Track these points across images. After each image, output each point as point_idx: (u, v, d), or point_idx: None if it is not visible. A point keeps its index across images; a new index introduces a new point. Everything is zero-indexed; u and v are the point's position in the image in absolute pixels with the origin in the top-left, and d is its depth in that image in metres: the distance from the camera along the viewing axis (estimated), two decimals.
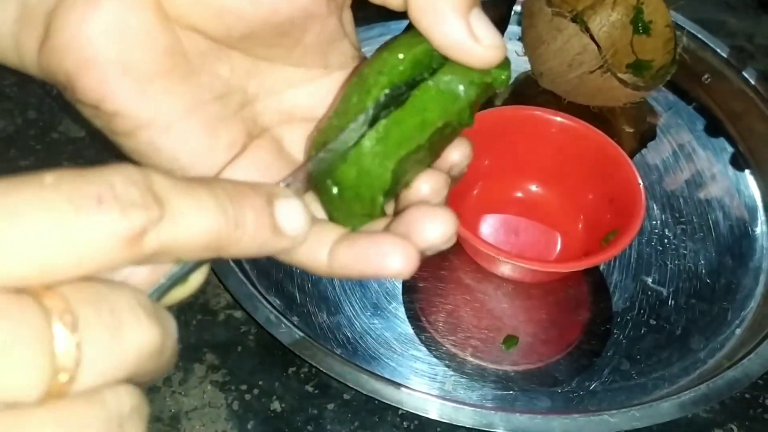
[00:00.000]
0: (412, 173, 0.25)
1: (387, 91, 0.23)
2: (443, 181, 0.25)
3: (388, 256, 0.22)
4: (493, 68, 0.24)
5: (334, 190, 0.24)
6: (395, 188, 0.25)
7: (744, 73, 0.58)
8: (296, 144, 0.27)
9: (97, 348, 0.15)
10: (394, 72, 0.24)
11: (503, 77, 0.24)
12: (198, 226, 0.17)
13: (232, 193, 0.18)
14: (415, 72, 0.24)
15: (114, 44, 0.22)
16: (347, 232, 0.25)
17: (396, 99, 0.24)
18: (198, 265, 0.20)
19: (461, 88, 0.24)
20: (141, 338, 0.16)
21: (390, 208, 0.27)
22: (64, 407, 0.15)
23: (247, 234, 0.19)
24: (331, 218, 0.25)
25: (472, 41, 0.22)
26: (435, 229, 0.23)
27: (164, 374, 0.18)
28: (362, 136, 0.23)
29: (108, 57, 0.22)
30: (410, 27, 0.24)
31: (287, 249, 0.20)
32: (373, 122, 0.24)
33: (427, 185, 0.25)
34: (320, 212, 0.26)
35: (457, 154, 0.26)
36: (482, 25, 0.22)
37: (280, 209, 0.20)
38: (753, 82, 0.57)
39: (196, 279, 0.21)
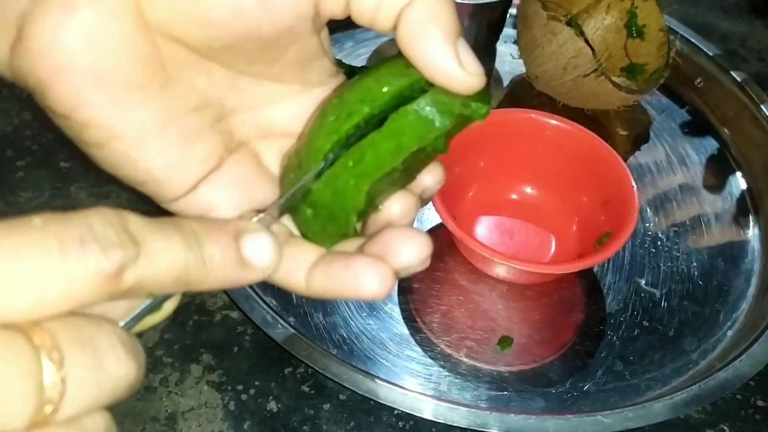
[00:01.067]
0: (385, 195, 0.26)
1: (364, 120, 0.24)
2: (413, 203, 0.26)
3: (363, 279, 0.23)
4: (473, 101, 0.24)
5: (308, 211, 0.25)
6: (369, 209, 0.25)
7: (736, 77, 0.58)
8: (273, 158, 0.28)
9: (81, 382, 0.17)
10: (375, 103, 0.24)
11: (483, 111, 0.25)
12: (168, 263, 0.18)
13: (199, 232, 0.20)
14: (395, 102, 0.24)
15: (90, 52, 0.22)
16: (323, 254, 0.25)
17: (373, 123, 0.24)
18: (171, 294, 0.21)
19: (439, 116, 0.24)
20: (120, 373, 0.18)
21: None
22: None
23: (215, 269, 0.20)
24: (306, 238, 0.26)
25: (460, 68, 0.23)
26: (410, 251, 0.23)
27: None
28: (336, 158, 0.24)
29: (83, 66, 0.22)
30: (399, 54, 0.24)
31: (258, 279, 0.21)
32: (348, 146, 0.24)
33: (397, 206, 0.25)
34: (297, 230, 0.26)
35: (430, 178, 0.26)
36: (467, 54, 0.23)
37: (247, 244, 0.21)
38: (745, 86, 0.58)
39: (169, 306, 0.21)
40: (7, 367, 0.15)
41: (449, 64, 0.23)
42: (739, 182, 0.56)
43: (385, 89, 0.24)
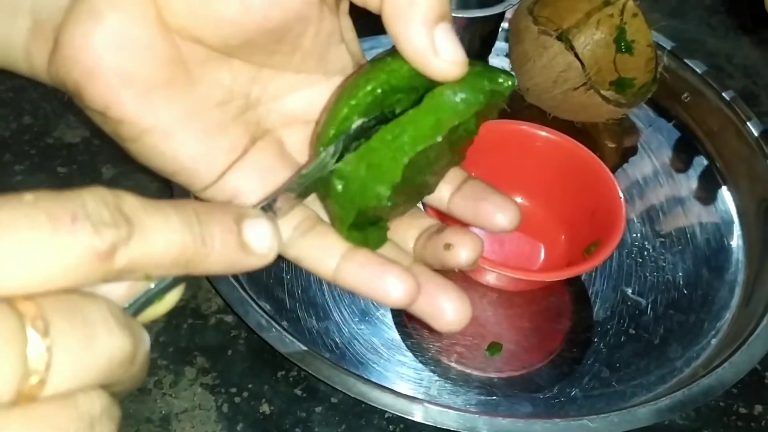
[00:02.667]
0: (427, 176, 0.26)
1: (381, 88, 0.25)
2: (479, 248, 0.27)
3: (390, 287, 0.24)
4: (499, 76, 0.25)
5: (339, 186, 0.25)
6: (406, 187, 0.25)
7: (722, 92, 0.60)
8: (297, 144, 0.29)
9: (68, 353, 0.16)
10: (393, 74, 0.25)
11: (507, 84, 0.25)
12: (165, 243, 0.18)
13: (200, 213, 0.20)
14: (412, 75, 0.25)
15: (118, 56, 0.24)
16: (354, 249, 0.26)
17: (391, 98, 0.25)
18: (174, 283, 0.21)
19: (472, 93, 0.24)
20: (112, 346, 0.17)
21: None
22: (35, 408, 0.16)
23: (215, 251, 0.20)
24: (332, 219, 0.26)
25: (432, 53, 0.23)
26: (452, 317, 0.25)
27: (138, 383, 0.19)
28: (374, 131, 0.24)
29: (112, 68, 0.24)
30: None
31: (258, 266, 0.21)
32: (366, 115, 0.25)
33: (465, 253, 0.26)
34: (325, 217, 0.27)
35: (466, 252, 0.27)
36: (446, 39, 0.23)
37: (248, 229, 0.21)
38: (731, 101, 0.59)
39: (173, 297, 0.21)
40: None
41: (422, 48, 0.23)
42: (724, 194, 0.57)
43: (403, 63, 0.24)
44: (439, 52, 0.23)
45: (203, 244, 0.19)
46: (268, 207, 0.24)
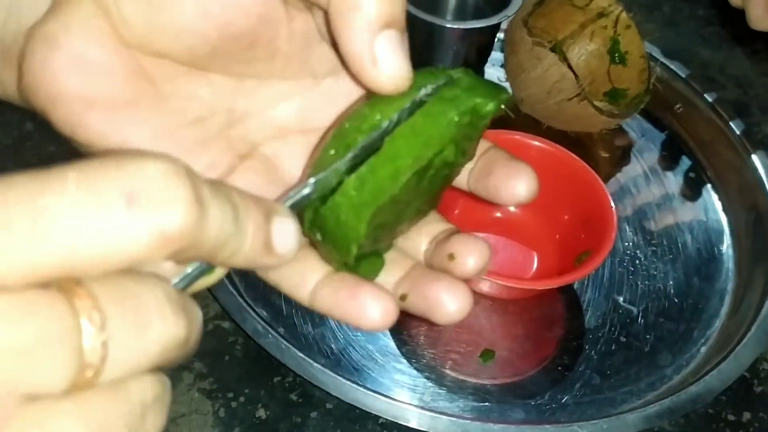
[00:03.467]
0: (402, 221, 0.25)
1: (363, 150, 0.23)
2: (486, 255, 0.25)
3: (367, 310, 0.23)
4: (479, 97, 0.23)
5: (318, 236, 0.24)
6: (377, 238, 0.24)
7: (714, 103, 0.61)
8: (292, 158, 0.27)
9: (123, 345, 0.16)
10: (372, 133, 0.23)
11: (489, 108, 0.23)
12: (216, 230, 0.17)
13: (239, 203, 0.18)
14: (395, 127, 0.23)
15: (76, 80, 0.23)
16: (332, 273, 0.25)
17: (374, 146, 0.23)
18: None
19: (436, 129, 0.23)
20: (166, 333, 0.17)
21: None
22: (87, 398, 0.16)
23: (245, 245, 0.19)
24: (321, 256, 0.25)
25: (370, 63, 0.22)
26: (453, 308, 0.24)
27: (189, 355, 0.19)
28: (341, 182, 0.23)
29: (73, 92, 0.23)
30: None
31: (273, 266, 0.20)
32: (353, 169, 0.23)
33: (472, 260, 0.25)
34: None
35: (473, 260, 0.25)
36: (389, 50, 0.22)
37: (276, 227, 0.20)
38: (723, 112, 0.60)
39: (221, 270, 0.21)
40: (44, 331, 0.15)
41: (359, 56, 0.22)
42: (715, 204, 0.58)
43: (378, 117, 0.23)
44: (377, 62, 0.22)
45: (239, 237, 0.18)
46: (296, 204, 0.22)
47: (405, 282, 0.26)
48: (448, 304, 0.24)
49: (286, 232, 0.20)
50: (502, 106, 0.25)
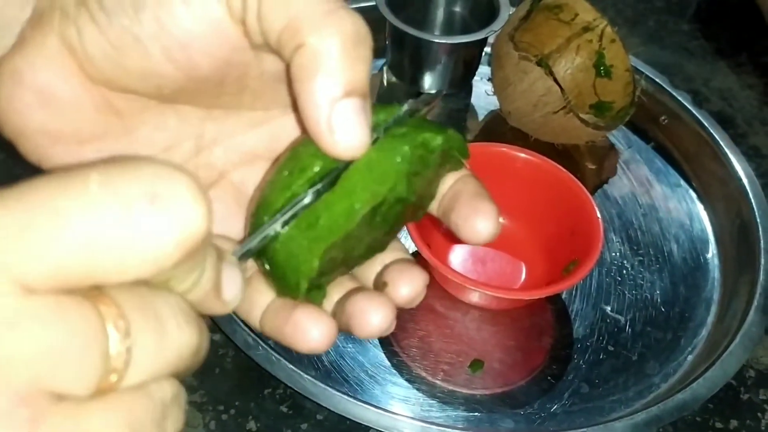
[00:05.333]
0: (353, 256, 0.25)
1: (318, 175, 0.23)
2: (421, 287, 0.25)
3: (306, 332, 0.23)
4: (429, 132, 0.23)
5: (266, 267, 0.24)
6: (326, 273, 0.24)
7: (699, 115, 0.62)
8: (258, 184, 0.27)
9: (145, 351, 0.16)
10: (327, 158, 0.23)
11: (436, 141, 0.23)
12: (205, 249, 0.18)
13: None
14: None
15: (42, 115, 0.23)
16: (275, 299, 0.25)
17: (331, 180, 0.23)
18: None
19: (390, 164, 0.23)
20: (182, 341, 0.17)
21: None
22: (113, 400, 0.16)
23: (203, 279, 0.19)
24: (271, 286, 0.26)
25: (327, 131, 0.21)
26: (375, 319, 0.24)
27: (198, 366, 0.19)
28: (294, 216, 0.23)
29: (36, 127, 0.23)
30: None
31: (216, 312, 0.20)
32: (305, 205, 0.23)
33: (405, 289, 0.25)
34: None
35: (405, 289, 0.25)
36: (347, 119, 0.21)
37: (225, 272, 0.20)
38: (706, 124, 0.61)
39: None
40: (73, 334, 0.15)
41: (316, 122, 0.21)
42: (700, 215, 0.59)
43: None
44: (333, 132, 0.21)
45: (202, 269, 0.19)
46: (244, 255, 0.23)
47: (337, 303, 0.26)
48: (371, 316, 0.24)
49: (234, 279, 0.20)
50: (458, 153, 0.25)
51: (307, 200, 0.23)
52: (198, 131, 0.26)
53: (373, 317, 0.24)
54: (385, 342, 0.49)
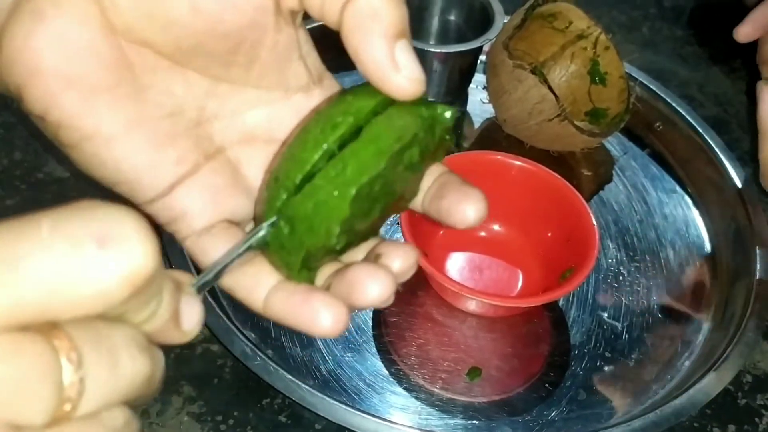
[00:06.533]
0: (376, 212, 0.26)
1: (349, 131, 0.24)
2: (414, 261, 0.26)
3: (319, 316, 0.24)
4: (439, 107, 0.25)
5: (286, 229, 0.24)
6: (354, 223, 0.25)
7: (693, 121, 0.62)
8: (254, 165, 0.28)
9: (98, 381, 0.17)
10: (359, 115, 0.24)
11: (448, 115, 0.25)
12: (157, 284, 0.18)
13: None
14: (375, 116, 0.24)
15: (58, 57, 0.23)
16: (284, 281, 0.25)
17: (353, 136, 0.24)
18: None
19: (410, 118, 0.24)
20: (134, 370, 0.18)
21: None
22: (67, 429, 0.17)
23: (161, 309, 0.19)
24: (276, 265, 0.26)
25: (392, 68, 0.23)
26: (376, 290, 0.24)
27: (152, 398, 0.20)
28: (318, 169, 0.24)
29: (52, 69, 0.23)
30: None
31: (174, 341, 0.21)
32: (329, 158, 0.24)
33: (398, 261, 0.25)
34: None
35: (398, 261, 0.25)
36: (406, 56, 0.23)
37: (183, 301, 0.21)
38: (700, 130, 0.61)
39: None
40: (28, 367, 0.16)
41: (382, 62, 0.23)
42: (696, 220, 0.59)
43: (366, 102, 0.24)
44: (399, 68, 0.23)
45: (159, 300, 0.19)
46: (202, 287, 0.23)
47: (330, 276, 0.26)
48: (370, 286, 0.24)
49: (193, 309, 0.21)
50: (450, 125, 0.26)
51: (261, 233, 0.24)
52: (201, 103, 0.26)
53: (374, 286, 0.24)
54: (383, 351, 0.49)
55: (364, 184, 0.23)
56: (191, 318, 0.21)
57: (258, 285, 0.25)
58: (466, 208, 0.26)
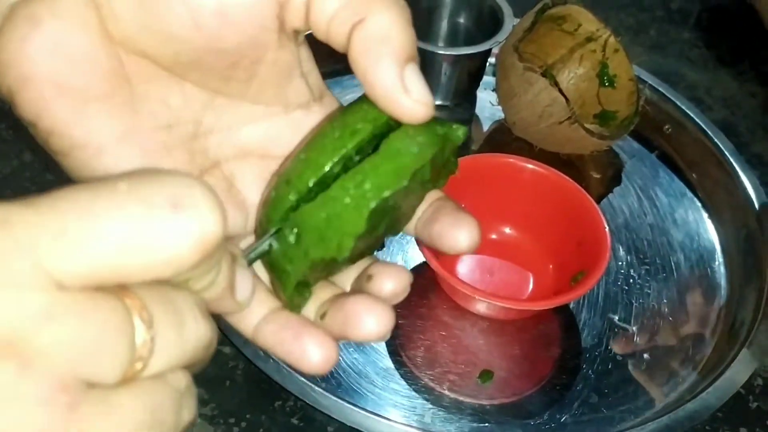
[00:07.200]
0: (381, 229, 0.25)
1: (367, 139, 0.24)
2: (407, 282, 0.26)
3: (308, 353, 0.24)
4: (452, 124, 0.25)
5: (291, 237, 0.24)
6: (367, 237, 0.24)
7: (702, 123, 0.62)
8: (249, 181, 0.28)
9: (166, 341, 0.18)
10: (377, 123, 0.24)
11: (459, 132, 0.25)
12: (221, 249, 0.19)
13: None
14: (390, 126, 0.24)
15: (53, 63, 0.23)
16: (277, 309, 0.25)
17: (368, 148, 0.24)
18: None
19: (426, 137, 0.24)
20: (198, 333, 0.19)
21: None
22: (137, 387, 0.17)
23: (220, 278, 0.20)
24: (274, 270, 0.25)
25: (402, 91, 0.23)
26: (372, 324, 0.24)
27: (204, 367, 0.21)
28: (334, 179, 0.23)
29: (46, 76, 0.23)
30: None
31: (231, 311, 0.22)
32: (345, 169, 0.24)
33: (390, 283, 0.25)
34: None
35: (390, 283, 0.25)
36: (415, 80, 0.23)
37: (239, 272, 0.21)
38: (710, 132, 0.61)
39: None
40: (104, 325, 0.16)
41: (392, 86, 0.23)
42: (706, 223, 0.59)
43: (370, 126, 0.24)
44: (409, 91, 0.23)
45: (218, 269, 0.20)
46: (251, 260, 0.23)
47: (327, 303, 0.26)
48: (367, 320, 0.24)
49: (246, 280, 0.22)
50: (459, 143, 0.26)
51: (266, 244, 0.24)
52: (198, 117, 0.26)
53: (371, 320, 0.24)
54: (394, 353, 0.49)
55: (382, 200, 0.23)
56: (245, 289, 0.22)
57: (249, 312, 0.25)
58: (459, 234, 0.26)
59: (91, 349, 0.16)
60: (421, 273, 0.49)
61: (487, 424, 0.46)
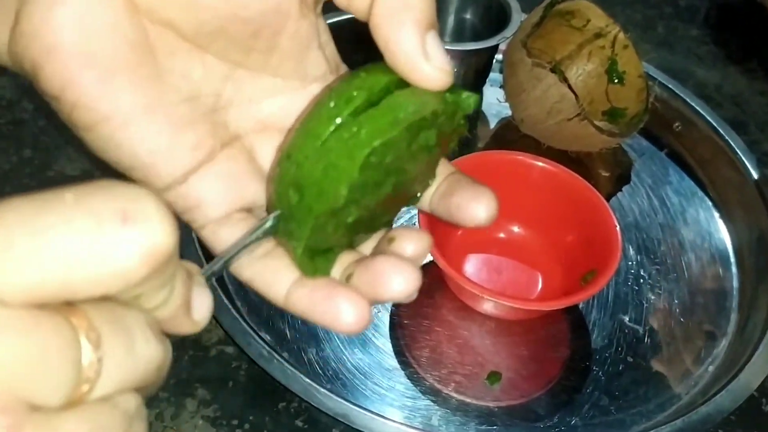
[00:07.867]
0: (387, 188, 0.25)
1: (363, 106, 0.24)
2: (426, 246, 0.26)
3: (341, 312, 0.23)
4: (462, 91, 0.25)
5: (294, 198, 0.24)
6: (365, 193, 0.24)
7: (712, 121, 0.61)
8: (268, 154, 0.27)
9: (115, 362, 0.17)
10: (373, 90, 0.24)
11: (471, 100, 0.25)
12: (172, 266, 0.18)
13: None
14: (390, 91, 0.24)
15: (79, 34, 0.22)
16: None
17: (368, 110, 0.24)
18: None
19: (431, 97, 0.24)
20: (149, 354, 0.18)
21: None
22: (83, 410, 0.16)
23: (174, 295, 0.19)
24: (287, 246, 0.25)
25: (423, 57, 0.23)
26: (400, 283, 0.23)
27: (157, 389, 0.20)
28: (331, 133, 0.24)
29: (72, 47, 0.22)
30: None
31: (185, 331, 0.21)
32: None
33: (411, 246, 0.25)
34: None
35: (411, 246, 0.25)
36: (436, 47, 0.23)
37: (196, 291, 0.20)
38: (721, 130, 0.60)
39: None
40: (48, 344, 0.15)
41: (413, 52, 0.23)
42: (717, 221, 0.58)
43: (379, 78, 0.24)
44: (429, 58, 0.23)
45: (172, 285, 0.19)
46: (210, 276, 0.23)
47: (352, 265, 0.26)
48: (394, 279, 0.23)
49: (203, 299, 0.21)
50: (470, 111, 0.26)
51: (269, 224, 0.24)
52: (218, 89, 0.26)
53: (399, 279, 0.23)
54: (400, 353, 0.48)
55: (376, 147, 0.23)
56: (202, 308, 0.21)
57: (279, 279, 0.25)
58: (477, 206, 0.26)
59: (33, 370, 0.15)
60: (427, 272, 0.48)
61: (494, 427, 0.45)
